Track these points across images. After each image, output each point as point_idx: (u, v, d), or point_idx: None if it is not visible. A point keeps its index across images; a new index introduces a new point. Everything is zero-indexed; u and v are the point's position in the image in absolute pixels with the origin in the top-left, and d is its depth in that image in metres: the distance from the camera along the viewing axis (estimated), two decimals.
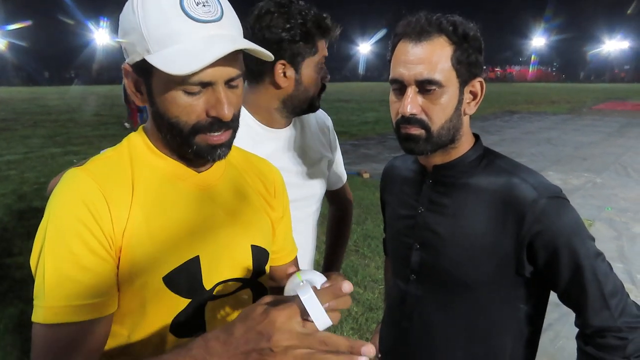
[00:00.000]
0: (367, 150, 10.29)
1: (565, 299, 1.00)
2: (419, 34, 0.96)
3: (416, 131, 0.99)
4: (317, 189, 1.47)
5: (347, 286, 0.63)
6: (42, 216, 0.77)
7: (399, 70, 0.98)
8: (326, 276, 0.71)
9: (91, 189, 0.76)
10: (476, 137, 1.10)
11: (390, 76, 1.01)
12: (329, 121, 1.59)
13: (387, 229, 1.25)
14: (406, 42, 0.98)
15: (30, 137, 11.71)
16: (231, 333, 0.63)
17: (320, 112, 1.56)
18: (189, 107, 0.77)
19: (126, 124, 12.87)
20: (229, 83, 0.79)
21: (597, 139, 11.74)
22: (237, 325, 0.63)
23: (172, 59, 0.72)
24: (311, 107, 1.38)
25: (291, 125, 1.43)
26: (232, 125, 0.82)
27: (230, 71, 0.78)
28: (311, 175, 1.45)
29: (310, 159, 1.46)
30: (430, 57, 0.95)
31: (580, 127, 14.27)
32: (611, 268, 0.98)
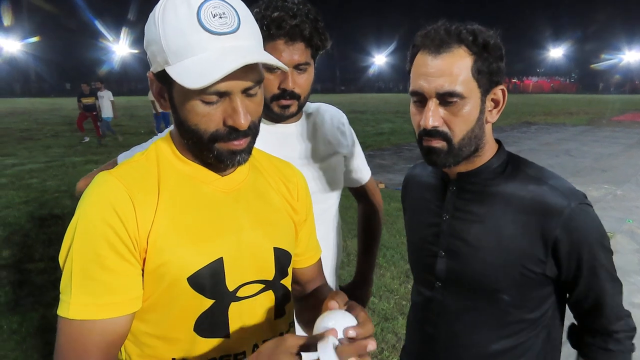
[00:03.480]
0: (382, 160, 10.27)
1: (578, 304, 1.03)
2: (439, 46, 0.96)
3: (438, 144, 0.99)
4: (327, 184, 1.47)
5: (371, 346, 0.66)
6: (63, 223, 0.83)
7: (419, 82, 0.98)
8: (355, 315, 0.73)
9: (119, 192, 0.80)
10: (498, 143, 1.10)
11: (410, 88, 1.01)
12: (343, 118, 1.59)
13: (408, 236, 1.25)
14: (425, 54, 0.98)
15: (51, 146, 11.98)
16: None
17: (334, 110, 1.57)
18: (207, 116, 0.79)
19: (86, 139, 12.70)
20: (246, 92, 0.81)
21: (617, 151, 11.53)
22: None
23: (186, 73, 0.75)
24: (268, 111, 1.32)
25: (300, 120, 1.45)
26: (251, 132, 0.84)
27: (246, 82, 0.79)
28: (320, 170, 1.45)
29: (320, 155, 1.46)
30: (450, 69, 0.95)
31: (599, 139, 14.04)
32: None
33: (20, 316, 3.36)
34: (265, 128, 1.39)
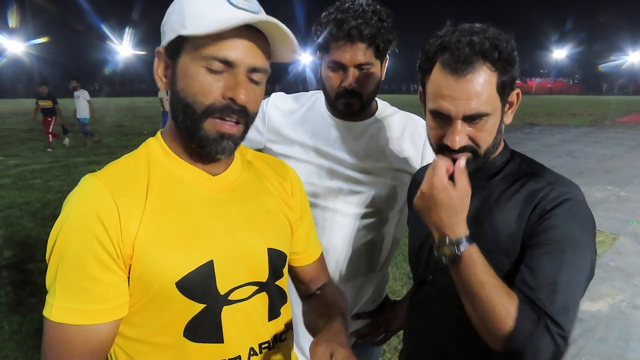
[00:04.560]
0: None
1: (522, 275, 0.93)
2: (462, 67, 0.92)
3: (465, 157, 0.98)
4: (372, 193, 1.43)
5: None
6: None
7: (443, 104, 0.95)
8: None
9: (104, 198, 0.78)
10: (503, 141, 1.10)
11: (430, 106, 0.99)
12: (425, 131, 1.54)
13: (410, 235, 1.25)
14: (447, 73, 0.93)
15: (54, 147, 12.00)
16: None
17: (416, 119, 1.52)
18: (207, 86, 0.79)
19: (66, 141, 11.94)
20: (251, 74, 0.81)
21: (620, 152, 11.49)
22: None
23: (200, 25, 0.76)
24: (333, 107, 1.41)
25: (365, 121, 1.45)
26: (245, 119, 0.84)
27: (255, 59, 0.80)
28: (369, 177, 1.43)
29: (372, 161, 1.44)
30: (476, 90, 0.92)
31: (602, 140, 13.99)
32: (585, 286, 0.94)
33: (21, 316, 3.36)
34: (327, 120, 1.45)
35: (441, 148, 1.00)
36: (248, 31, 0.79)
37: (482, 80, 0.92)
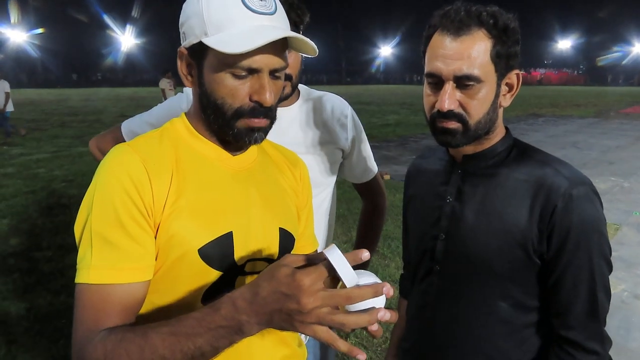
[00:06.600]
0: (388, 152, 10.26)
1: (552, 293, 0.99)
2: (458, 28, 0.94)
3: (453, 125, 0.99)
4: (316, 174, 1.44)
5: (366, 254, 0.66)
6: (70, 212, 0.84)
7: (436, 64, 0.97)
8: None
9: (136, 163, 0.83)
10: (506, 128, 1.10)
11: (426, 70, 1.00)
12: (347, 110, 1.55)
13: (410, 223, 1.25)
14: (444, 35, 0.96)
15: (58, 136, 12.05)
16: (257, 293, 0.67)
17: (339, 100, 1.56)
18: (234, 90, 0.84)
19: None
20: (273, 73, 0.86)
21: (624, 143, 11.44)
22: (263, 284, 0.66)
23: (226, 41, 0.80)
24: None
25: (293, 105, 1.46)
26: (271, 114, 0.89)
27: (277, 62, 0.85)
28: (309, 158, 1.42)
29: (310, 142, 1.46)
30: (469, 52, 0.94)
31: (607, 131, 13.93)
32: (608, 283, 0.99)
33: (28, 302, 3.41)
34: None
35: (433, 118, 1.01)
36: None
37: (476, 44, 0.94)
